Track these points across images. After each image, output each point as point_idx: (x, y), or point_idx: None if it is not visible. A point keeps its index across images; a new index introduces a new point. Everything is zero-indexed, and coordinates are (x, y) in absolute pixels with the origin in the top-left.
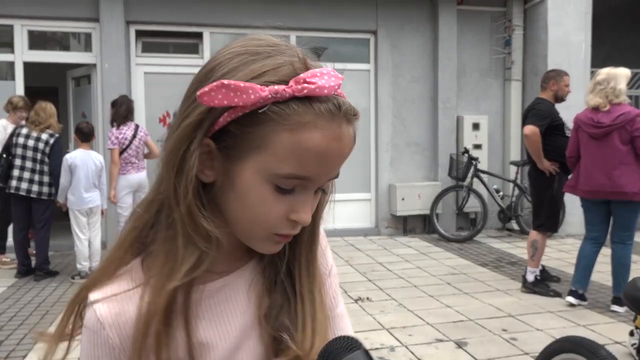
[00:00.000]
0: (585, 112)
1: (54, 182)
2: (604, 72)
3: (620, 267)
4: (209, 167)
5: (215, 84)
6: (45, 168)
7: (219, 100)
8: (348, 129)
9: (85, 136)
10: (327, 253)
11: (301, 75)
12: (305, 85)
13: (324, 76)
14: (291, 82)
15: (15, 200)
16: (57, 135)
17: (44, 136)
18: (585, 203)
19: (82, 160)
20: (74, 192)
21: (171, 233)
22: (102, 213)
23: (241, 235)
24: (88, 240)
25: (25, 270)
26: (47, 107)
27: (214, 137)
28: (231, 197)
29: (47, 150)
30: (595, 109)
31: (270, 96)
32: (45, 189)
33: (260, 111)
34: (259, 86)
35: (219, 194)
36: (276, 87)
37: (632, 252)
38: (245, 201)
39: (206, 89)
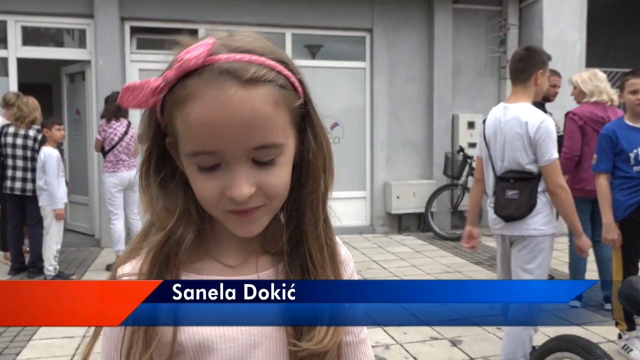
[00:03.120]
0: (589, 109)
1: None
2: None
3: (608, 262)
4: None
5: (122, 88)
6: (36, 165)
7: (132, 101)
8: (239, 90)
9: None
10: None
11: (178, 55)
12: (177, 63)
13: (191, 49)
14: (175, 64)
15: (10, 199)
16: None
17: (31, 133)
18: (578, 203)
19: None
20: None
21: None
22: (56, 215)
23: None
24: (54, 241)
25: (18, 267)
26: (30, 101)
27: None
28: None
29: (36, 146)
30: (601, 106)
31: (162, 83)
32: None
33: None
34: (152, 79)
35: None
36: (166, 73)
37: None
38: (190, 182)
39: (120, 94)
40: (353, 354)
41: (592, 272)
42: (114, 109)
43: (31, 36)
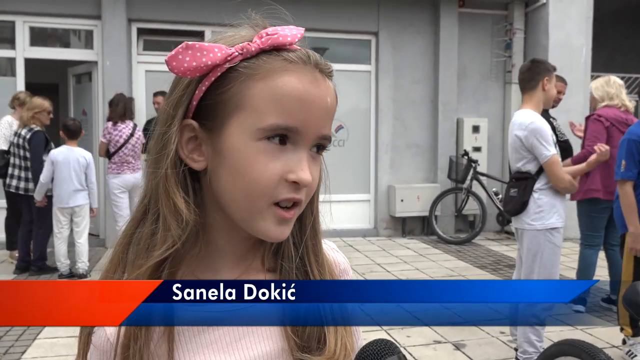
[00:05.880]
0: (612, 111)
1: (33, 176)
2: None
3: (620, 267)
4: (197, 152)
5: (180, 46)
6: (29, 164)
7: (188, 63)
8: (324, 80)
9: (72, 133)
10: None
11: (262, 31)
12: (268, 36)
13: (285, 29)
14: (255, 38)
15: (18, 198)
16: (36, 129)
17: (23, 132)
18: (605, 205)
19: (64, 156)
20: (56, 189)
21: (154, 227)
22: (92, 212)
23: (242, 217)
24: (66, 238)
25: (24, 266)
26: (34, 101)
27: (197, 118)
28: (223, 174)
29: (26, 145)
30: (620, 109)
31: (237, 53)
32: (31, 185)
33: (230, 71)
34: (224, 45)
35: (213, 179)
36: (242, 44)
37: None
38: (237, 169)
39: (172, 52)
40: None
41: (596, 276)
42: (121, 110)
43: (39, 37)
